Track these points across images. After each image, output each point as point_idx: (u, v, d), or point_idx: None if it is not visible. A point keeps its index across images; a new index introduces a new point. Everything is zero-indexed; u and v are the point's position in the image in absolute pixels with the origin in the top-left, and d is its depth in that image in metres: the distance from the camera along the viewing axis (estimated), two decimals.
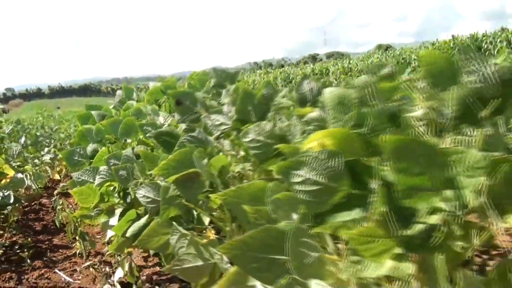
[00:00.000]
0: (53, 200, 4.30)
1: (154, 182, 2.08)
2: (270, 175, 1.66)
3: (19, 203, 3.84)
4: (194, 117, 2.10)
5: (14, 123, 8.84)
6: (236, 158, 1.99)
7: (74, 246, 3.58)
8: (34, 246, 3.57)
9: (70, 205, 4.09)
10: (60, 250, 3.64)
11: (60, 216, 3.76)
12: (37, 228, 4.30)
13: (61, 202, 3.83)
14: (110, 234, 2.72)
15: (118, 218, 2.59)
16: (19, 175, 4.12)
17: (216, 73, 2.58)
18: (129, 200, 2.60)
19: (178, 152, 1.91)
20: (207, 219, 2.15)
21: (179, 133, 2.12)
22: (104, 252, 3.29)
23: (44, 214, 4.92)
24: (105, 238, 3.07)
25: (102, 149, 2.84)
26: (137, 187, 2.12)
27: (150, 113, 2.67)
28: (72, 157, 2.98)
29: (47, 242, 3.82)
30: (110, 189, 2.58)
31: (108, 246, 2.83)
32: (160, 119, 2.57)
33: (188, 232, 1.85)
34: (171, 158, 1.91)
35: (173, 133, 2.14)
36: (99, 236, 3.66)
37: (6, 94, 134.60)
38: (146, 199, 2.05)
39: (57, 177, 6.66)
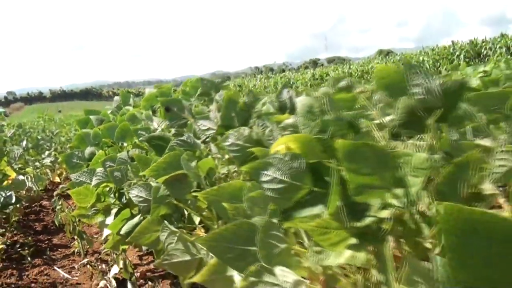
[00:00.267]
0: (53, 201, 4.45)
1: (146, 183, 2.23)
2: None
3: (20, 204, 4.00)
4: (182, 122, 2.26)
5: (16, 127, 9.00)
6: (222, 161, 2.15)
7: (72, 245, 3.73)
8: (34, 245, 3.71)
9: (69, 206, 4.25)
10: (59, 249, 3.78)
11: (59, 216, 3.92)
12: (37, 228, 4.45)
13: (60, 203, 3.99)
14: (106, 233, 2.87)
15: (113, 217, 2.74)
16: (21, 177, 4.28)
17: (202, 82, 2.74)
18: (124, 200, 2.74)
19: (168, 154, 2.06)
20: (198, 219, 2.30)
21: (170, 137, 2.27)
22: (100, 251, 3.43)
23: (44, 215, 5.07)
24: (102, 237, 3.22)
25: (99, 152, 2.99)
26: (130, 187, 2.27)
27: (144, 118, 2.83)
28: (71, 159, 3.14)
29: (47, 242, 3.97)
30: (106, 189, 2.73)
31: (104, 244, 2.97)
32: (154, 124, 2.72)
33: (177, 229, 2.00)
34: (161, 160, 2.05)
35: (164, 137, 2.29)
36: (97, 235, 3.81)
37: (7, 98, 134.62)
38: (138, 199, 2.20)
39: (57, 179, 6.81)
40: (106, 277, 2.90)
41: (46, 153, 7.35)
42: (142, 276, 2.91)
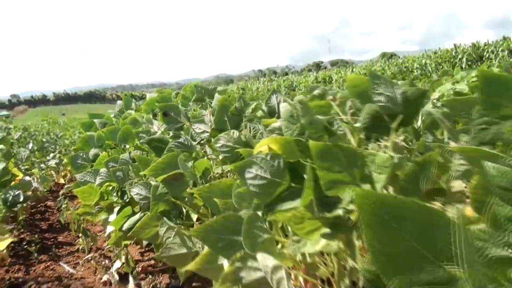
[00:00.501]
0: (58, 200, 4.62)
1: (146, 182, 2.40)
2: None
3: (27, 203, 4.18)
4: (178, 125, 2.43)
5: (22, 130, 9.20)
6: (216, 161, 2.32)
7: (77, 243, 3.90)
8: (40, 242, 3.88)
9: (74, 205, 4.43)
10: (64, 246, 3.96)
11: (64, 214, 4.09)
12: (43, 227, 4.63)
13: (66, 202, 4.16)
14: (109, 230, 3.04)
15: (116, 215, 2.91)
16: (27, 178, 4.45)
17: (197, 89, 2.91)
18: (126, 199, 2.91)
19: (166, 155, 2.23)
20: (195, 216, 2.47)
21: (168, 139, 2.44)
22: (104, 247, 3.60)
23: (49, 215, 5.25)
24: (105, 234, 3.38)
25: (103, 153, 3.18)
26: (131, 186, 2.44)
27: (145, 122, 3.00)
28: (76, 160, 3.32)
29: (52, 239, 4.15)
30: (109, 188, 2.91)
31: (107, 241, 3.14)
32: (154, 127, 2.90)
33: (175, 225, 2.17)
34: (160, 160, 2.22)
35: (163, 139, 2.46)
36: (100, 233, 3.97)
37: (11, 101, 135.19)
38: (139, 196, 2.36)
39: (62, 181, 7.00)
40: (109, 271, 3.06)
41: (51, 155, 7.55)
42: (143, 270, 3.07)
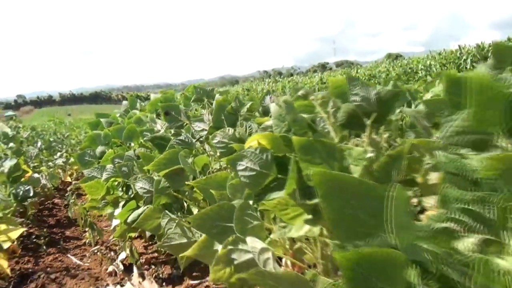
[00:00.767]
0: (66, 195, 4.81)
1: (149, 176, 2.57)
2: None
3: (36, 198, 4.36)
4: (179, 124, 2.60)
5: (30, 129, 9.43)
6: (215, 157, 2.49)
7: (83, 237, 4.08)
8: (48, 236, 4.05)
9: (81, 202, 4.61)
10: (71, 240, 4.13)
11: (72, 209, 4.28)
12: (51, 222, 4.81)
13: (73, 197, 4.34)
14: (115, 223, 3.22)
15: (121, 209, 3.08)
16: (36, 175, 4.64)
17: (196, 90, 3.08)
18: (131, 193, 3.09)
19: (167, 152, 2.40)
20: (196, 210, 2.64)
21: (170, 137, 2.61)
22: (109, 241, 3.78)
23: (57, 211, 5.44)
24: (111, 228, 3.56)
25: (109, 150, 3.35)
26: (136, 181, 2.61)
27: (149, 121, 3.18)
28: (83, 157, 3.51)
29: (60, 234, 4.33)
30: (115, 184, 3.08)
31: (113, 234, 3.31)
32: (157, 126, 3.07)
33: (175, 217, 2.34)
34: (162, 157, 2.39)
35: (165, 137, 2.63)
36: (106, 228, 4.15)
37: (17, 101, 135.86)
38: (142, 190, 2.54)
39: (68, 179, 7.20)
40: (114, 263, 3.23)
41: (58, 154, 7.75)
42: (146, 262, 3.24)
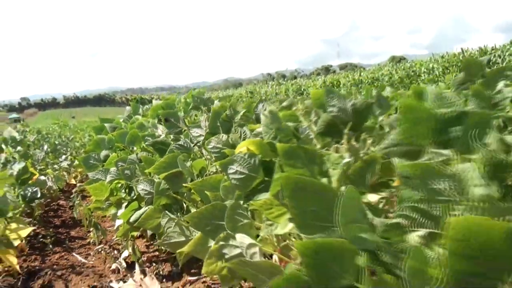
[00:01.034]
0: (72, 197, 5.00)
1: (150, 179, 2.74)
2: None
3: (43, 199, 4.56)
4: (178, 130, 2.78)
5: (36, 133, 9.64)
6: (211, 161, 2.66)
7: (88, 237, 4.26)
8: (54, 236, 4.24)
9: (86, 203, 4.79)
10: (76, 240, 4.31)
11: (77, 209, 4.47)
12: (56, 223, 5.00)
13: (78, 198, 4.53)
14: (118, 223, 3.39)
15: (124, 210, 3.26)
16: (42, 177, 4.83)
17: (193, 98, 3.26)
18: (133, 195, 3.27)
19: (167, 156, 2.57)
20: (194, 210, 2.81)
21: (170, 142, 2.79)
22: (113, 240, 3.96)
23: (62, 212, 5.63)
24: (114, 228, 3.73)
25: (113, 154, 3.54)
26: (138, 183, 2.79)
27: (150, 126, 3.35)
28: (88, 161, 3.69)
29: (65, 234, 4.51)
30: (118, 186, 3.26)
31: (116, 233, 3.49)
32: (158, 131, 3.25)
33: (175, 217, 2.51)
34: (162, 160, 2.57)
35: (165, 142, 2.80)
36: (110, 228, 4.33)
37: (21, 104, 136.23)
38: (144, 191, 2.71)
39: (73, 181, 7.39)
40: (117, 261, 3.40)
41: (63, 157, 7.96)
42: (148, 260, 3.41)
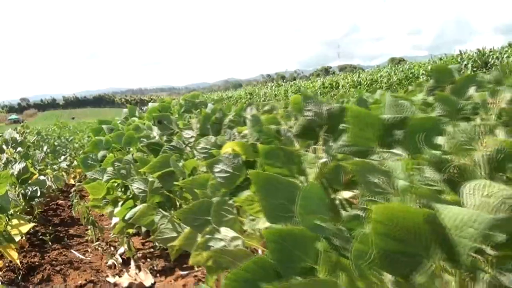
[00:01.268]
0: (70, 195, 5.15)
1: (145, 178, 2.88)
2: None
3: (43, 198, 4.71)
4: (170, 132, 2.92)
5: (36, 134, 9.80)
6: (202, 161, 2.80)
7: (86, 235, 4.41)
8: (53, 233, 4.39)
9: (84, 202, 4.93)
10: (74, 238, 4.46)
11: (76, 208, 4.62)
12: (55, 221, 5.14)
13: (77, 197, 4.68)
14: (114, 221, 3.54)
15: (120, 208, 3.40)
16: (42, 177, 4.97)
17: (185, 102, 3.40)
18: (129, 194, 3.41)
19: (160, 156, 2.71)
20: None
21: (163, 143, 2.93)
22: (109, 238, 4.10)
23: (61, 211, 5.78)
24: (111, 226, 3.88)
25: (110, 155, 3.68)
26: (132, 181, 2.93)
27: (146, 128, 3.50)
28: (86, 161, 3.84)
29: (64, 232, 4.65)
30: (115, 185, 3.40)
31: (113, 230, 3.63)
32: (153, 133, 3.39)
33: (168, 214, 2.65)
34: (156, 160, 2.71)
35: (159, 143, 2.95)
36: (107, 226, 4.48)
37: (21, 104, 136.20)
38: (138, 190, 2.85)
39: (72, 182, 7.55)
40: (114, 257, 3.55)
41: (62, 157, 8.11)
42: (143, 256, 3.56)
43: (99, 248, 3.85)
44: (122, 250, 3.51)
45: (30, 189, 4.00)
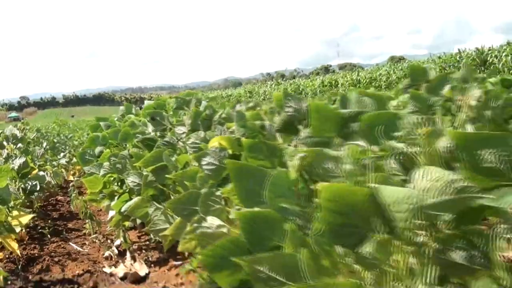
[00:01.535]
0: (69, 190, 5.29)
1: (139, 172, 3.02)
2: None
3: (42, 192, 4.84)
4: (163, 128, 3.06)
5: (36, 131, 9.94)
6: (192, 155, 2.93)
7: (84, 228, 4.54)
8: (52, 227, 4.52)
9: (82, 197, 5.07)
10: (73, 231, 4.59)
11: (74, 202, 4.76)
12: (54, 216, 5.28)
13: (75, 192, 4.82)
14: (111, 214, 3.67)
15: (116, 201, 3.54)
16: (41, 173, 5.10)
17: (177, 99, 3.54)
18: (125, 188, 3.54)
19: (154, 151, 2.84)
20: None
21: (157, 138, 3.06)
22: (106, 231, 4.24)
23: (60, 206, 5.93)
24: (107, 218, 4.01)
25: (106, 150, 3.81)
26: (128, 175, 3.06)
27: (141, 124, 3.63)
28: (84, 156, 3.98)
29: (63, 226, 4.79)
30: (111, 179, 3.54)
31: (109, 223, 3.76)
32: (148, 129, 3.52)
33: (161, 206, 2.78)
34: (150, 155, 2.84)
35: (153, 138, 3.08)
36: (104, 220, 4.61)
37: (21, 102, 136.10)
38: (133, 183, 2.98)
39: (71, 178, 7.68)
40: (110, 249, 3.68)
41: (62, 154, 8.25)
42: (138, 248, 3.69)
43: (96, 240, 3.98)
44: (118, 242, 3.64)
45: (30, 183, 4.13)
